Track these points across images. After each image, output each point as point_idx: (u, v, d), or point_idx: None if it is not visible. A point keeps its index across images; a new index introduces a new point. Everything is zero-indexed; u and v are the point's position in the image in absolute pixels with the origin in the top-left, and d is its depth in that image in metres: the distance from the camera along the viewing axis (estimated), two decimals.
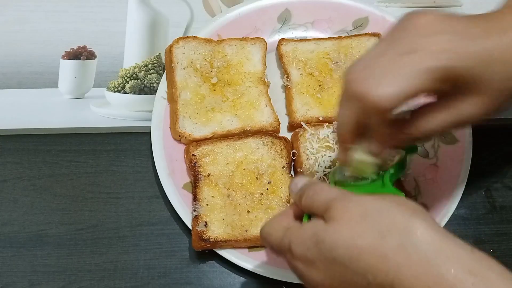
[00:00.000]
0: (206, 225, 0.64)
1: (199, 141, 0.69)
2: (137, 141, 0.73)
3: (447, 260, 0.40)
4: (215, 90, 0.72)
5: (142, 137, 0.73)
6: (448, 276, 0.40)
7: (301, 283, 0.63)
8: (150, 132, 0.71)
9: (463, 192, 0.68)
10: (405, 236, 0.42)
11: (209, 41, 0.75)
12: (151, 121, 0.71)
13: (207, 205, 0.65)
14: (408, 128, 0.51)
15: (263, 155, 0.69)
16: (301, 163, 0.68)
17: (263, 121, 0.71)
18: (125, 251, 0.67)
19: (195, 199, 0.66)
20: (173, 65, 0.72)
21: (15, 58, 0.78)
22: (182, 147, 0.70)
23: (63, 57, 0.78)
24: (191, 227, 0.65)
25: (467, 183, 0.69)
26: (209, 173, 0.67)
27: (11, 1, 0.82)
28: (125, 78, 0.77)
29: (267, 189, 0.67)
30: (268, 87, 0.74)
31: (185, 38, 0.74)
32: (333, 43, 0.76)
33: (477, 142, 0.72)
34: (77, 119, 0.74)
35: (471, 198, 0.72)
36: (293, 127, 0.72)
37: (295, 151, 0.69)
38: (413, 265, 0.41)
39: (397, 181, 0.61)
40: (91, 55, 0.78)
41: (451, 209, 0.67)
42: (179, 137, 0.70)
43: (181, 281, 0.66)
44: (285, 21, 0.79)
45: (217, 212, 0.65)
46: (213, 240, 0.64)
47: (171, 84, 0.72)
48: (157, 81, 0.76)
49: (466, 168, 0.70)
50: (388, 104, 0.47)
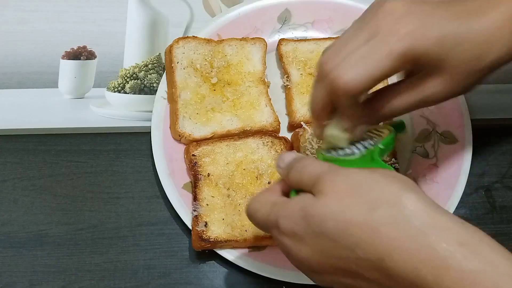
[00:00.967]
0: (206, 225, 0.64)
1: (199, 141, 0.69)
2: (137, 141, 0.73)
3: (438, 233, 0.40)
4: (215, 90, 0.72)
5: (142, 137, 0.73)
6: (439, 248, 0.39)
7: (301, 283, 0.63)
8: (150, 132, 0.71)
9: (463, 192, 0.68)
10: (396, 209, 0.41)
11: (209, 41, 0.75)
12: (151, 121, 0.71)
13: (207, 205, 0.65)
14: (377, 105, 0.52)
15: (263, 155, 0.69)
16: None
17: (263, 121, 0.71)
18: (125, 251, 0.67)
19: (195, 199, 0.66)
20: (173, 65, 0.72)
21: (15, 58, 0.78)
22: (182, 147, 0.70)
23: (63, 57, 0.78)
24: (191, 227, 0.65)
25: (467, 183, 0.69)
26: (209, 173, 0.67)
27: (11, 1, 0.82)
28: (125, 78, 0.77)
29: None
30: (268, 87, 0.74)
31: (185, 38, 0.74)
32: None
33: (477, 142, 0.72)
34: (77, 119, 0.74)
35: (471, 198, 0.72)
36: (293, 127, 0.72)
37: (295, 151, 0.69)
38: (404, 238, 0.40)
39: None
40: (91, 55, 0.78)
41: (451, 209, 0.67)
42: (179, 137, 0.70)
43: (181, 281, 0.66)
44: (285, 21, 0.79)
45: (217, 212, 0.65)
46: (213, 240, 0.64)
47: (171, 84, 0.72)
48: (157, 81, 0.76)
49: (466, 168, 0.70)
50: (356, 88, 0.48)
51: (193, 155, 0.68)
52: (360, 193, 0.43)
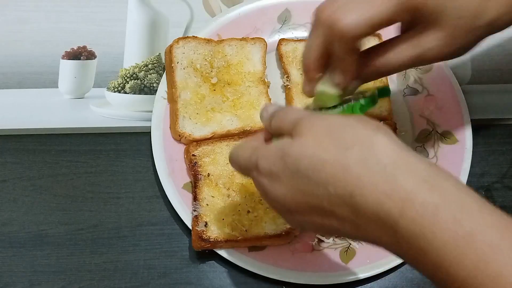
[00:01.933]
0: (206, 225, 0.64)
1: (199, 141, 0.69)
2: (137, 141, 0.73)
3: (405, 170, 0.41)
4: (215, 90, 0.72)
5: (142, 137, 0.73)
6: (405, 184, 0.41)
7: (301, 283, 0.63)
8: (150, 132, 0.71)
9: None
10: (367, 149, 0.43)
11: (209, 41, 0.75)
12: (151, 121, 0.71)
13: (207, 205, 0.65)
14: (372, 60, 0.53)
15: None
16: None
17: None
18: (125, 251, 0.67)
19: (195, 199, 0.66)
20: (173, 65, 0.72)
21: (15, 58, 0.78)
22: (182, 147, 0.70)
23: (63, 57, 0.78)
24: (191, 227, 0.65)
25: (467, 183, 0.69)
26: (209, 173, 0.67)
27: (11, 1, 0.82)
28: (125, 78, 0.77)
29: None
30: (268, 87, 0.74)
31: (185, 38, 0.74)
32: None
33: (477, 142, 0.72)
34: (77, 119, 0.74)
35: None
36: None
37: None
38: (372, 175, 0.42)
39: None
40: (91, 55, 0.78)
41: None
42: (179, 137, 0.70)
43: (181, 281, 0.66)
44: (285, 21, 0.79)
45: (217, 212, 0.65)
46: (213, 240, 0.64)
47: (171, 84, 0.72)
48: (157, 81, 0.76)
49: (466, 168, 0.70)
50: (354, 31, 0.48)
51: (193, 155, 0.68)
52: (335, 134, 0.44)
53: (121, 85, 0.76)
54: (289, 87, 0.74)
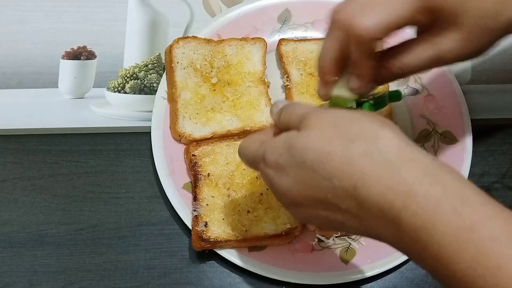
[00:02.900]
0: (206, 225, 0.64)
1: (199, 141, 0.69)
2: (137, 141, 0.73)
3: (409, 164, 0.42)
4: (215, 90, 0.72)
5: (142, 137, 0.73)
6: (408, 177, 0.41)
7: (301, 283, 0.63)
8: (150, 132, 0.71)
9: None
10: (372, 142, 0.43)
11: (209, 41, 0.75)
12: (151, 121, 0.71)
13: (207, 205, 0.65)
14: (388, 63, 0.52)
15: None
16: None
17: (263, 121, 0.71)
18: (125, 251, 0.67)
19: (195, 199, 0.66)
20: (173, 65, 0.72)
21: (15, 58, 0.78)
22: (182, 147, 0.70)
23: (63, 57, 0.78)
24: (191, 227, 0.65)
25: None
26: (209, 173, 0.67)
27: (11, 1, 0.82)
28: (125, 78, 0.77)
29: (267, 189, 0.66)
30: (268, 87, 0.74)
31: (185, 38, 0.74)
32: None
33: (477, 142, 0.72)
34: (77, 119, 0.74)
35: None
36: None
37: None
38: (376, 168, 0.42)
39: None
40: (91, 55, 0.78)
41: None
42: (179, 137, 0.70)
43: (181, 281, 0.66)
44: (285, 21, 0.79)
45: (217, 212, 0.65)
46: (213, 240, 0.64)
47: (171, 84, 0.72)
48: (157, 81, 0.76)
49: (466, 168, 0.70)
50: (372, 34, 0.48)
51: (193, 155, 0.68)
52: (341, 128, 0.45)
53: (121, 85, 0.76)
54: (289, 87, 0.74)
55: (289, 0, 0.79)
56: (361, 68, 0.51)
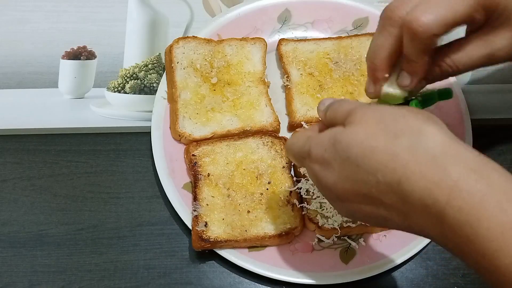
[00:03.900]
0: (206, 225, 0.64)
1: (199, 141, 0.69)
2: (137, 141, 0.73)
3: (453, 159, 0.42)
4: (215, 90, 0.72)
5: (142, 137, 0.73)
6: (452, 172, 0.42)
7: (301, 283, 0.63)
8: (150, 132, 0.71)
9: None
10: (416, 137, 0.43)
11: (209, 41, 0.75)
12: (151, 121, 0.71)
13: (207, 205, 0.65)
14: (440, 61, 0.52)
15: (263, 155, 0.69)
16: None
17: (263, 121, 0.71)
18: (125, 251, 0.67)
19: (195, 199, 0.66)
20: (173, 65, 0.72)
21: (15, 58, 0.78)
22: (182, 147, 0.70)
23: (63, 57, 0.78)
24: (191, 227, 0.65)
25: None
26: (209, 173, 0.67)
27: (11, 1, 0.82)
28: (125, 78, 0.77)
29: (267, 189, 0.67)
30: (268, 87, 0.74)
31: (185, 38, 0.74)
32: (333, 43, 0.76)
33: (477, 142, 0.72)
34: (77, 119, 0.74)
35: None
36: (293, 127, 0.72)
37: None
38: (420, 163, 0.42)
39: None
40: (91, 55, 0.78)
41: None
42: (179, 137, 0.70)
43: (181, 281, 0.66)
44: (285, 21, 0.79)
45: (217, 212, 0.65)
46: (213, 240, 0.64)
47: (171, 84, 0.72)
48: (157, 81, 0.76)
49: None
50: (431, 30, 0.48)
51: (193, 155, 0.68)
52: (385, 123, 0.45)
53: (121, 85, 0.76)
54: (289, 87, 0.74)
55: (289, 0, 0.79)
56: (415, 65, 0.51)
